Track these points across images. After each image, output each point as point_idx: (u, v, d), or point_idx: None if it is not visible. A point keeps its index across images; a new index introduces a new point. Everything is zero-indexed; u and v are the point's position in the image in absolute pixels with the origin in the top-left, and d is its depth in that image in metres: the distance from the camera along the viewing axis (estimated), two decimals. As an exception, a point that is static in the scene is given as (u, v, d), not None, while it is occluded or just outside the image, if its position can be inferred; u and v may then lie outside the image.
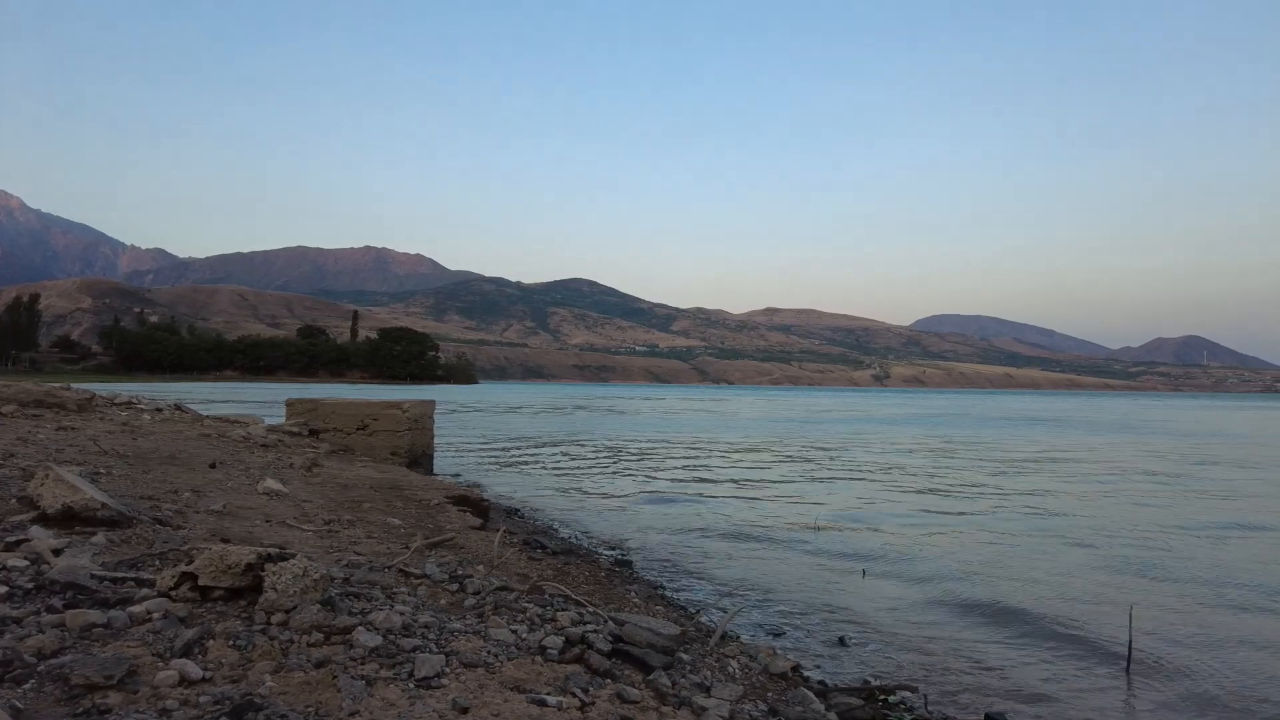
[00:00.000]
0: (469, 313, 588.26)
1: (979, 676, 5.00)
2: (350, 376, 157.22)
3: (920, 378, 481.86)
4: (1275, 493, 14.57)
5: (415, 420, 13.13)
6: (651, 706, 2.94)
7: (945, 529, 10.11)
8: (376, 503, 7.17)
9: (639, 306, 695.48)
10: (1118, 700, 4.64)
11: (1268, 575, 7.82)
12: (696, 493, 13.24)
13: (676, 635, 3.80)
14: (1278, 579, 7.66)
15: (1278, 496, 14.04)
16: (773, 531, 9.77)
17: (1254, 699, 4.69)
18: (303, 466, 8.49)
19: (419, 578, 4.25)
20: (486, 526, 7.59)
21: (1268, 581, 7.56)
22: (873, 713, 4.08)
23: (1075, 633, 5.89)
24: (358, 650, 2.89)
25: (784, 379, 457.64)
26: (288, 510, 5.86)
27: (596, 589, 5.74)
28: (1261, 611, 6.58)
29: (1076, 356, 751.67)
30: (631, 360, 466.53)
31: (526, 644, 3.31)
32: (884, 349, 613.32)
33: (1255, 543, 9.57)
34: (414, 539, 5.59)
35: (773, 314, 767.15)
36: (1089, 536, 9.71)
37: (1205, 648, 5.59)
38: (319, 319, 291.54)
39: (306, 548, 4.60)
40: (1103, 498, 13.35)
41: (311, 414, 12.96)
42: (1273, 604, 6.80)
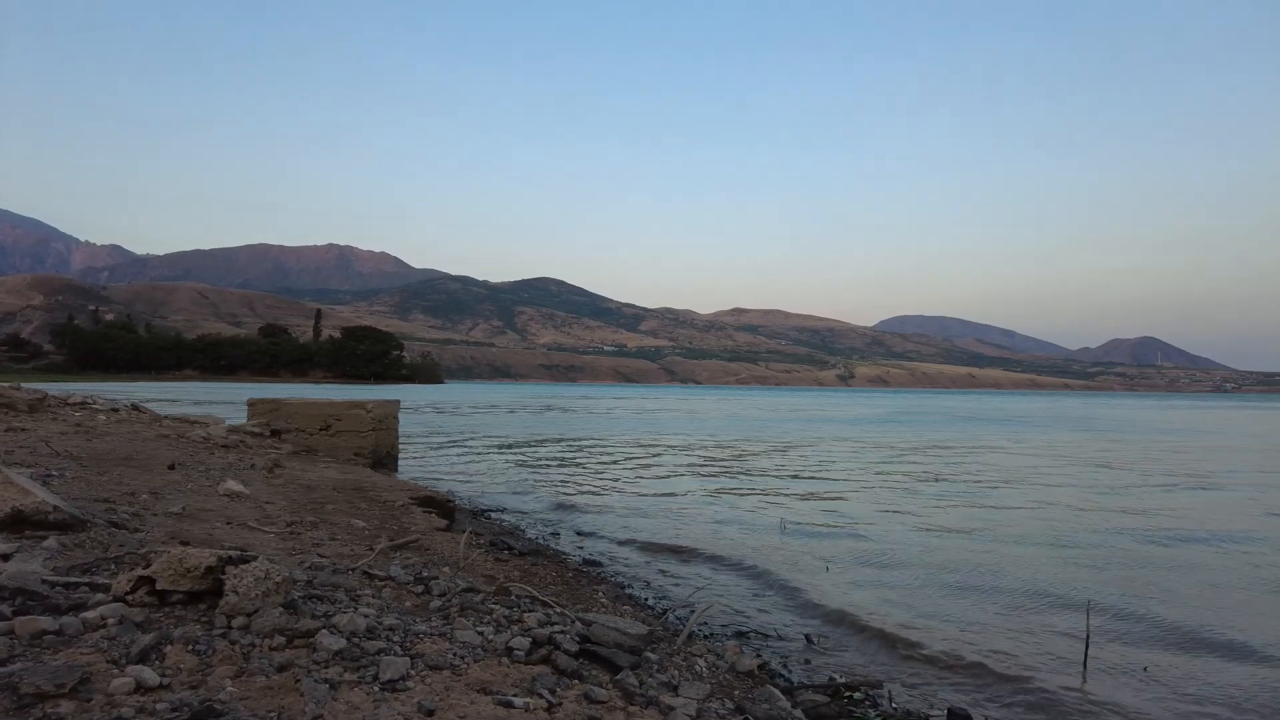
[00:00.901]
0: (434, 312, 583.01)
1: (942, 672, 5.08)
2: (313, 376, 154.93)
3: (884, 378, 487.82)
4: (1244, 492, 14.98)
5: (379, 420, 12.99)
6: (619, 706, 2.93)
7: (911, 527, 10.24)
8: (340, 504, 7.08)
9: (607, 306, 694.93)
10: (1075, 693, 4.74)
11: (1226, 571, 8.04)
12: (665, 491, 13.26)
13: (644, 635, 3.80)
14: (1237, 575, 7.89)
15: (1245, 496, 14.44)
16: (740, 530, 9.82)
17: (1211, 693, 4.82)
18: (265, 468, 8.35)
19: (383, 580, 4.20)
20: (452, 528, 7.53)
21: (1227, 578, 7.78)
22: (839, 709, 4.12)
23: (1036, 628, 6.00)
24: (321, 653, 2.84)
25: (751, 379, 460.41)
26: (249, 512, 5.76)
27: (564, 589, 5.72)
28: (1220, 608, 6.76)
29: (1037, 357, 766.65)
30: (599, 360, 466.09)
31: (493, 645, 3.29)
32: (849, 349, 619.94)
33: (1216, 541, 9.82)
34: (378, 541, 5.53)
35: (740, 314, 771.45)
36: (1053, 534, 9.89)
37: (1161, 643, 5.74)
38: (281, 318, 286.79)
39: (269, 550, 4.53)
40: (1068, 496, 13.61)
41: (273, 414, 12.75)
42: (1231, 599, 7.00)
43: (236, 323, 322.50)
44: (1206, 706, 4.58)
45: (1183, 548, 9.18)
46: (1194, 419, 53.66)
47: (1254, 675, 5.09)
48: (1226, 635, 5.88)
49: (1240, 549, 9.14)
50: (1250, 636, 5.84)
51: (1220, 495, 14.07)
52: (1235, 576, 7.80)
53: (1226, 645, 5.67)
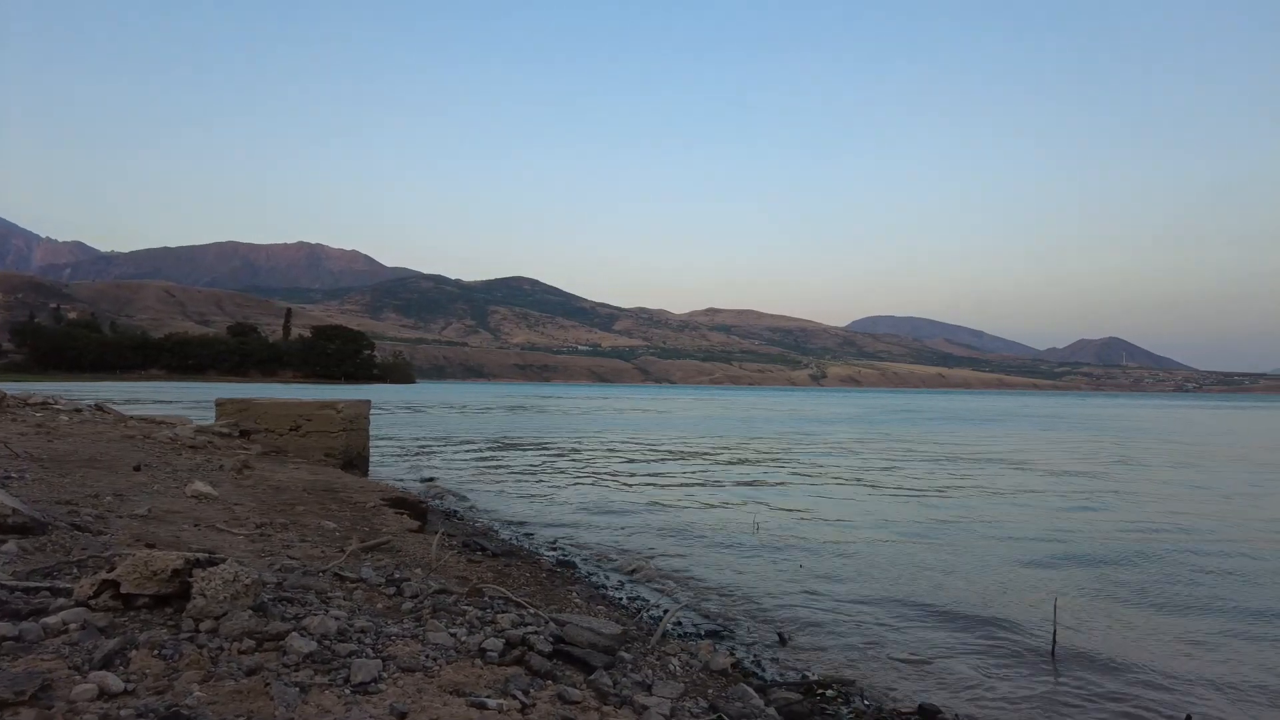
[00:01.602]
0: (406, 311, 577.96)
1: (913, 669, 5.13)
2: (283, 376, 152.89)
3: (856, 377, 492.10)
4: (1212, 492, 15.30)
5: (350, 421, 12.85)
6: (593, 706, 2.93)
7: (882, 526, 10.34)
8: (310, 505, 7.00)
9: (581, 306, 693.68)
10: (1044, 689, 4.82)
11: (1189, 567, 8.21)
12: (639, 493, 13.27)
13: (618, 635, 3.80)
14: (1199, 570, 8.06)
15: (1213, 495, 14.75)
16: (714, 530, 9.85)
17: (1173, 686, 4.92)
18: (233, 468, 8.23)
19: (355, 582, 4.15)
20: (424, 529, 7.47)
21: (1189, 574, 7.94)
22: (811, 707, 4.15)
23: (1004, 624, 6.09)
24: (291, 656, 2.81)
25: (725, 379, 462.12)
26: (218, 514, 5.67)
27: (538, 590, 5.70)
28: (1183, 605, 6.90)
29: (1005, 357, 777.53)
30: (574, 360, 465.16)
31: (466, 647, 3.27)
32: (821, 349, 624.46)
33: (1178, 537, 10.03)
34: (349, 542, 5.47)
35: (714, 314, 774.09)
36: (1020, 531, 10.04)
37: (1127, 638, 5.84)
38: (250, 316, 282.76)
39: (238, 552, 4.46)
40: (1033, 493, 13.82)
41: (242, 414, 12.57)
42: (1193, 595, 7.14)
43: (205, 322, 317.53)
44: (1174, 694, 4.67)
45: (1151, 545, 9.36)
46: (1161, 418, 54.76)
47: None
48: (1189, 627, 6.01)
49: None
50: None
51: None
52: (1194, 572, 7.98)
53: (1183, 633, 5.80)
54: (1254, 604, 6.81)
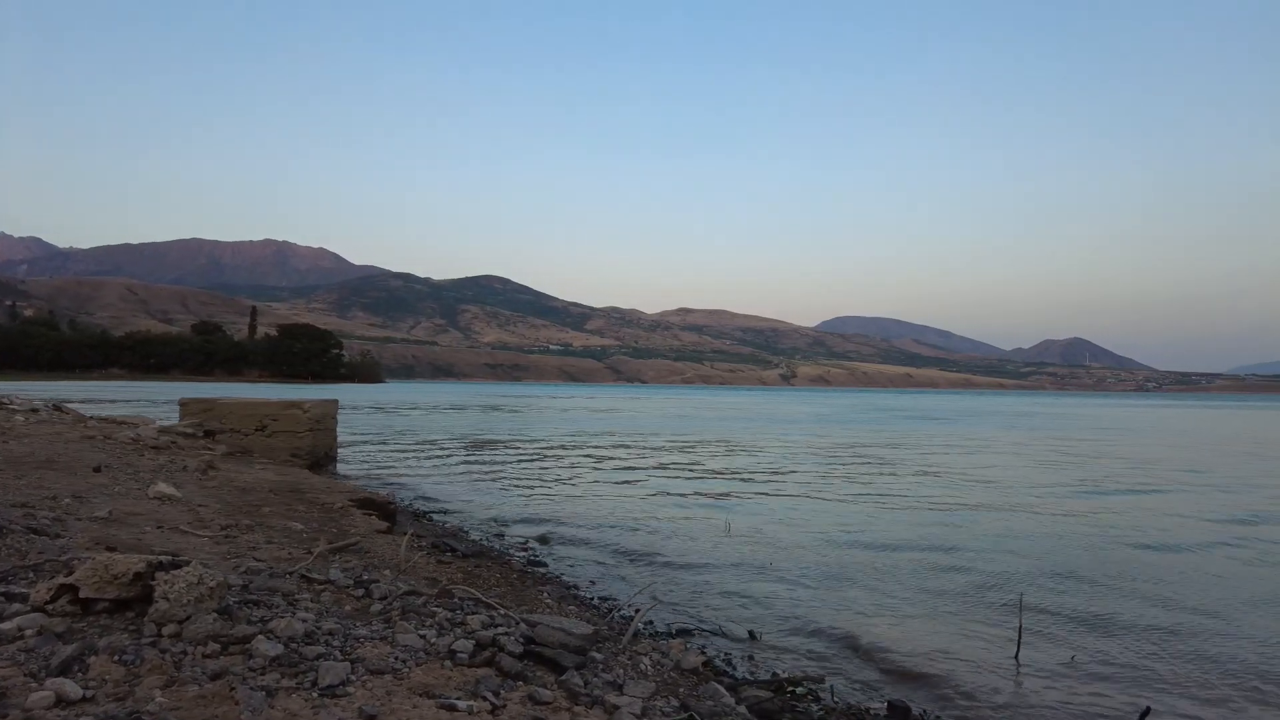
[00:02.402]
0: (375, 309, 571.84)
1: (883, 665, 5.19)
2: (248, 375, 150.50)
3: (825, 377, 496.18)
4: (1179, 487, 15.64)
5: (317, 420, 12.71)
6: (564, 707, 2.92)
7: (852, 525, 10.43)
8: (277, 506, 6.90)
9: (553, 305, 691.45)
10: (1010, 685, 4.89)
11: (1152, 562, 8.39)
12: (611, 492, 13.26)
13: (589, 635, 3.79)
14: (1161, 566, 8.24)
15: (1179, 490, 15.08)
16: (685, 530, 9.87)
17: (1138, 677, 5.03)
18: (198, 469, 8.10)
19: (323, 583, 4.11)
20: (393, 530, 7.41)
21: (1151, 570, 8.11)
22: (782, 704, 4.18)
23: (970, 620, 6.18)
24: (258, 660, 2.77)
25: (696, 378, 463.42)
26: (181, 515, 5.57)
27: (508, 591, 5.68)
28: (1146, 598, 7.05)
29: (972, 357, 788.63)
30: (545, 359, 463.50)
31: (436, 648, 3.25)
32: (791, 349, 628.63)
33: (1142, 535, 10.24)
34: (317, 544, 5.40)
35: (686, 314, 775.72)
36: (985, 528, 10.20)
37: (1089, 634, 5.96)
38: (215, 315, 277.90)
39: (202, 554, 4.39)
40: (996, 490, 14.04)
41: (207, 414, 12.37)
42: (1157, 591, 7.30)
43: (168, 320, 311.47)
44: (1130, 691, 4.77)
45: (1108, 544, 9.55)
46: (1123, 418, 55.91)
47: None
48: (1150, 622, 6.15)
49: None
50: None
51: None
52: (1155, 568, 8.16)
53: (1147, 629, 5.93)
54: (1204, 601, 6.98)
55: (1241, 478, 17.21)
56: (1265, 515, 11.74)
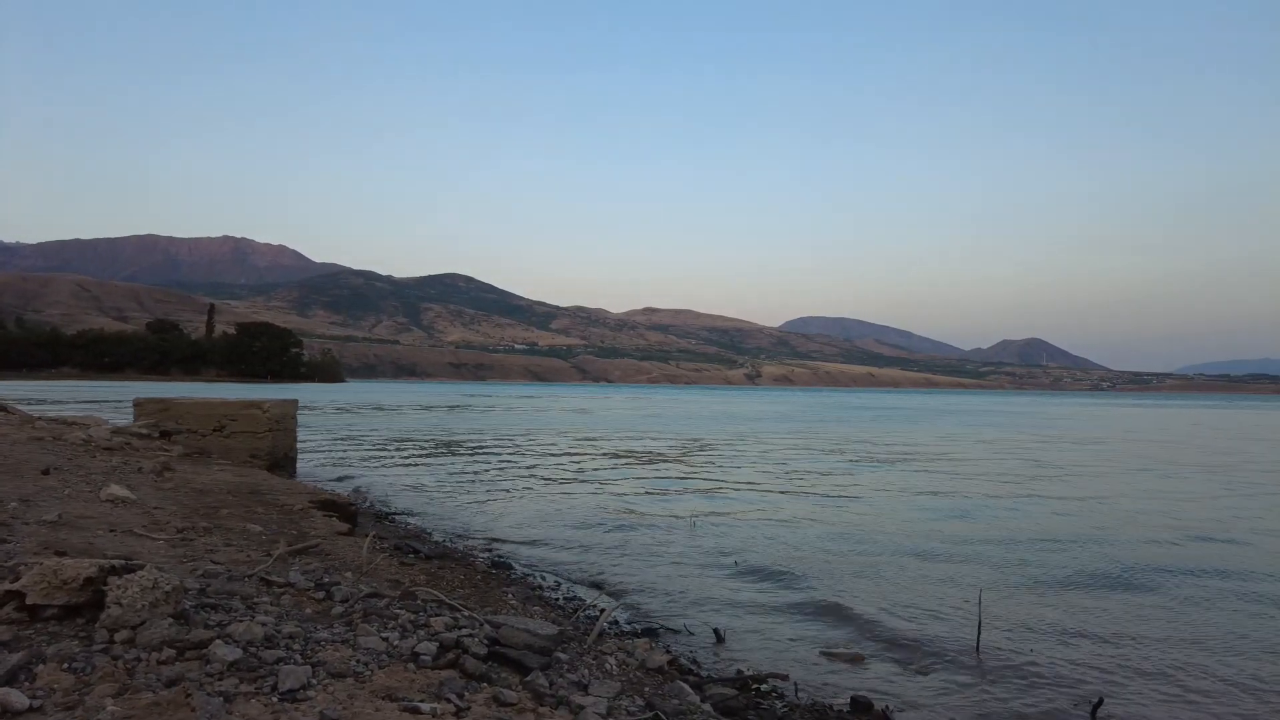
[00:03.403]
0: (336, 307, 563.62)
1: (846, 663, 5.25)
2: (206, 375, 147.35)
3: (789, 377, 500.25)
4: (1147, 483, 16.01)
5: (276, 421, 12.49)
6: (529, 708, 2.91)
7: (815, 521, 10.53)
8: (235, 508, 6.77)
9: (517, 304, 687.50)
10: (970, 678, 4.98)
11: (1103, 558, 8.59)
12: (577, 491, 13.23)
13: (554, 635, 3.78)
14: (1121, 559, 8.44)
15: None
16: (650, 527, 9.89)
17: (1094, 667, 5.15)
18: (153, 471, 7.91)
19: (283, 586, 4.04)
20: (355, 532, 7.31)
21: (1109, 566, 8.31)
22: (746, 701, 4.20)
23: (932, 617, 6.28)
24: (215, 665, 2.71)
25: (662, 378, 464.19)
26: (136, 518, 5.44)
27: (472, 593, 5.64)
28: (1106, 590, 7.21)
29: (932, 357, 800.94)
30: (510, 359, 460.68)
31: (398, 651, 3.22)
32: (756, 349, 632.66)
33: (1104, 531, 10.48)
34: (277, 546, 5.31)
35: (651, 314, 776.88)
36: (946, 524, 10.36)
37: (1047, 627, 6.09)
38: (172, 313, 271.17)
39: (157, 558, 4.29)
40: (959, 487, 14.28)
41: (163, 414, 12.09)
42: (1122, 583, 7.48)
43: (122, 317, 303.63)
44: (1086, 681, 4.89)
45: (1066, 536, 9.76)
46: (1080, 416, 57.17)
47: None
48: (1109, 605, 6.30)
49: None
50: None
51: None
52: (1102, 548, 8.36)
53: (1104, 622, 6.08)
54: (1158, 593, 7.17)
55: (1244, 478, 17.71)
56: (1234, 515, 12.10)
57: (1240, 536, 10.01)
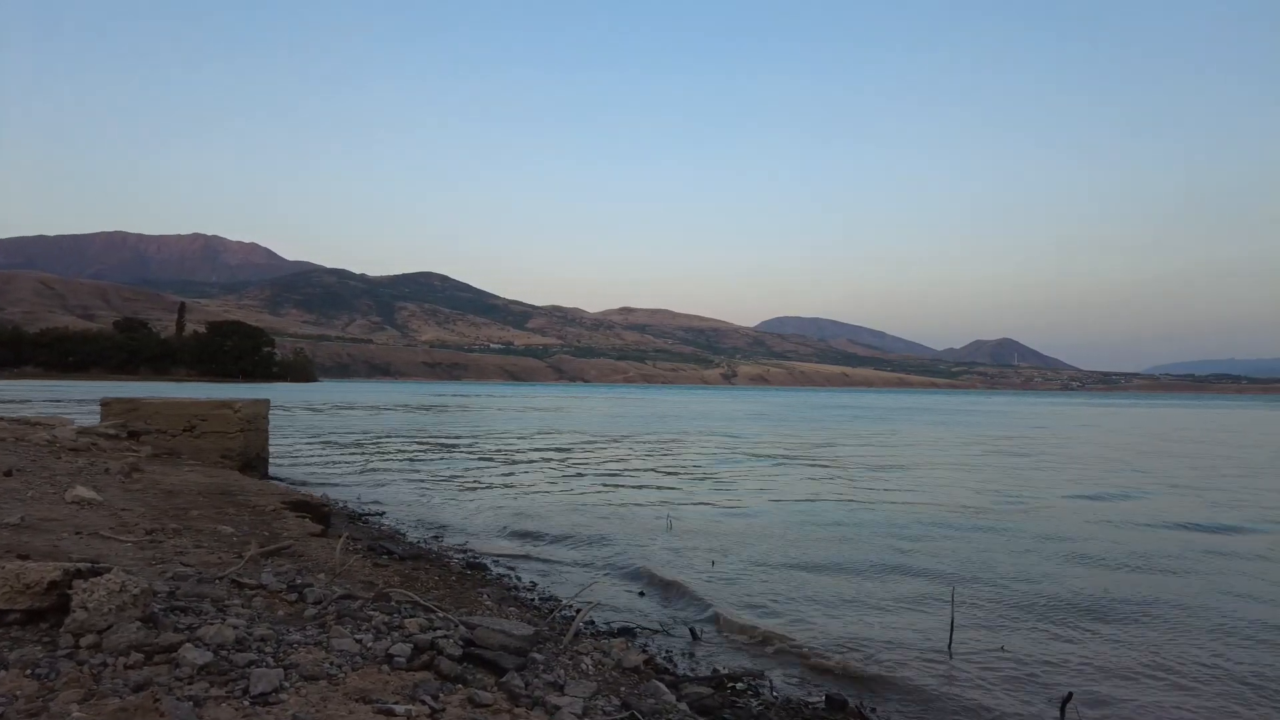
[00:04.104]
0: (308, 306, 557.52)
1: (820, 661, 5.28)
2: (176, 374, 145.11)
3: (765, 376, 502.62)
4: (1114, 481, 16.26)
5: (248, 421, 12.33)
6: (504, 709, 2.90)
7: (790, 522, 10.58)
8: (206, 510, 6.68)
9: (493, 303, 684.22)
10: (942, 675, 5.04)
11: (1080, 552, 8.72)
12: (550, 490, 13.19)
13: (530, 636, 3.77)
14: (1086, 555, 8.57)
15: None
16: (626, 527, 9.88)
17: (1062, 664, 5.22)
18: (120, 472, 7.78)
19: (254, 588, 3.99)
20: (328, 533, 7.24)
21: (1073, 562, 8.43)
22: (722, 700, 4.21)
23: (905, 615, 6.34)
24: (185, 669, 2.67)
25: (639, 377, 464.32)
26: (103, 520, 5.34)
27: (447, 594, 5.60)
28: (1074, 587, 7.32)
29: (906, 357, 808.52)
30: (486, 358, 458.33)
31: (372, 653, 3.19)
32: (732, 349, 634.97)
33: (1070, 530, 10.63)
34: (248, 547, 5.25)
35: (628, 313, 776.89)
36: (917, 523, 10.46)
37: (1017, 624, 6.17)
38: (140, 311, 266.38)
39: (125, 560, 4.21)
40: (929, 486, 14.43)
41: (131, 414, 11.89)
42: (1083, 584, 7.59)
43: (88, 316, 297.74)
44: (1055, 678, 4.96)
45: (1034, 533, 9.90)
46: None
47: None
48: (1082, 605, 6.40)
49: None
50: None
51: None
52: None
53: (1072, 620, 6.17)
54: (1126, 591, 7.30)
55: (1214, 484, 18.04)
56: (1202, 513, 12.33)
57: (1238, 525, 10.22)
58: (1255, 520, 11.25)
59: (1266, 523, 11.09)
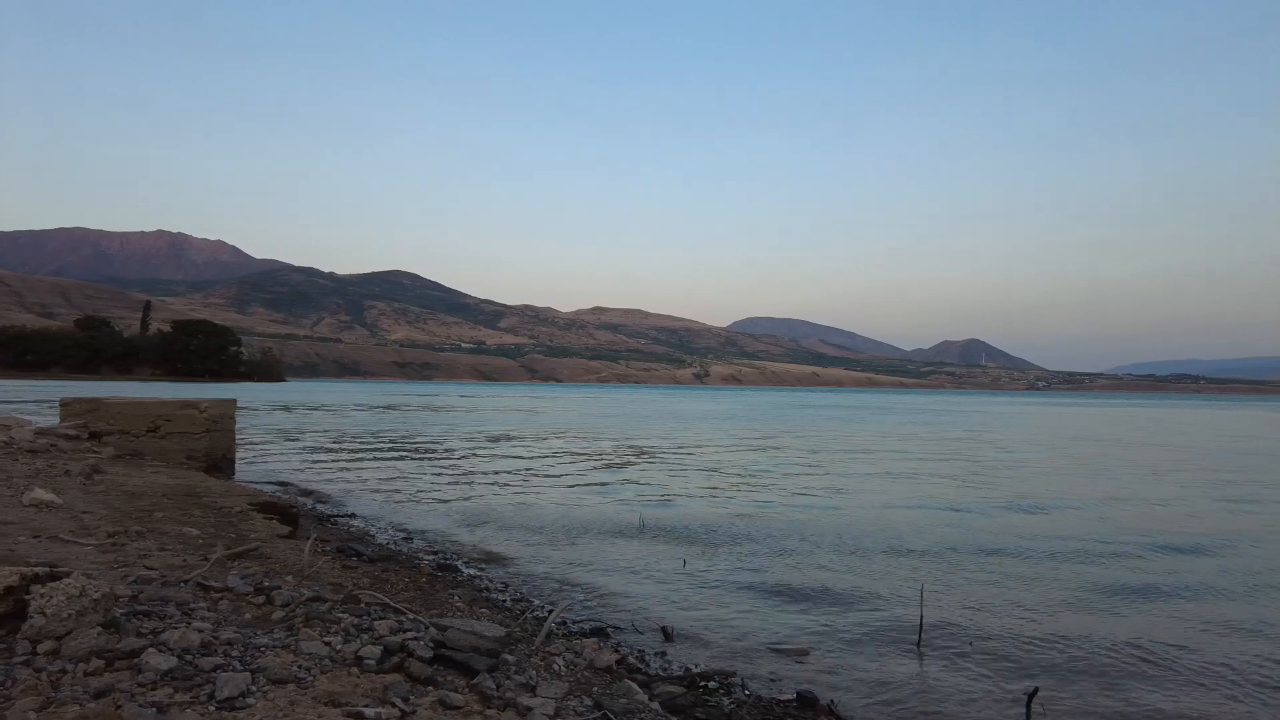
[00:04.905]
0: (276, 305, 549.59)
1: (791, 657, 5.31)
2: (140, 373, 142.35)
3: (737, 376, 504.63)
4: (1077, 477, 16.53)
5: (214, 421, 12.14)
6: (476, 710, 2.88)
7: (760, 519, 10.64)
8: (170, 511, 6.56)
9: (464, 302, 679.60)
10: (911, 669, 5.10)
11: (1044, 546, 8.86)
12: (521, 490, 13.13)
13: (501, 637, 3.75)
14: (1050, 549, 8.71)
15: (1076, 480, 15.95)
16: (599, 527, 9.87)
17: (1029, 661, 5.30)
18: (81, 474, 7.62)
19: (220, 591, 3.92)
20: (296, 534, 7.15)
21: (1035, 555, 8.57)
22: (694, 699, 4.22)
23: (874, 610, 6.40)
24: (148, 674, 2.62)
25: (612, 377, 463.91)
26: (62, 523, 5.22)
27: (418, 595, 5.55)
28: (1040, 583, 7.44)
29: (875, 357, 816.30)
30: (457, 358, 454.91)
31: (342, 655, 3.15)
32: (704, 349, 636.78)
33: (1035, 520, 10.80)
34: (214, 550, 5.16)
35: (601, 313, 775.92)
36: (884, 519, 10.56)
37: (983, 617, 6.25)
38: (103, 309, 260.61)
39: (86, 564, 4.13)
40: (897, 483, 14.59)
41: (92, 415, 11.65)
42: (1052, 576, 7.72)
43: (47, 314, 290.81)
44: (1021, 674, 5.04)
45: (998, 529, 10.05)
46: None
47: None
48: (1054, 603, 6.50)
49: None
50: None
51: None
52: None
53: (1038, 617, 6.27)
54: (1090, 587, 7.43)
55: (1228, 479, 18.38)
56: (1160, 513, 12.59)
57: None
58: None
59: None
